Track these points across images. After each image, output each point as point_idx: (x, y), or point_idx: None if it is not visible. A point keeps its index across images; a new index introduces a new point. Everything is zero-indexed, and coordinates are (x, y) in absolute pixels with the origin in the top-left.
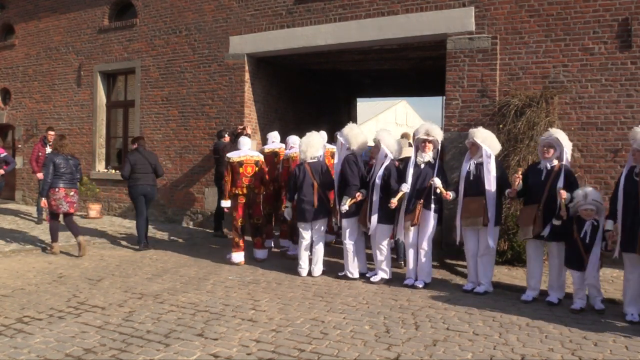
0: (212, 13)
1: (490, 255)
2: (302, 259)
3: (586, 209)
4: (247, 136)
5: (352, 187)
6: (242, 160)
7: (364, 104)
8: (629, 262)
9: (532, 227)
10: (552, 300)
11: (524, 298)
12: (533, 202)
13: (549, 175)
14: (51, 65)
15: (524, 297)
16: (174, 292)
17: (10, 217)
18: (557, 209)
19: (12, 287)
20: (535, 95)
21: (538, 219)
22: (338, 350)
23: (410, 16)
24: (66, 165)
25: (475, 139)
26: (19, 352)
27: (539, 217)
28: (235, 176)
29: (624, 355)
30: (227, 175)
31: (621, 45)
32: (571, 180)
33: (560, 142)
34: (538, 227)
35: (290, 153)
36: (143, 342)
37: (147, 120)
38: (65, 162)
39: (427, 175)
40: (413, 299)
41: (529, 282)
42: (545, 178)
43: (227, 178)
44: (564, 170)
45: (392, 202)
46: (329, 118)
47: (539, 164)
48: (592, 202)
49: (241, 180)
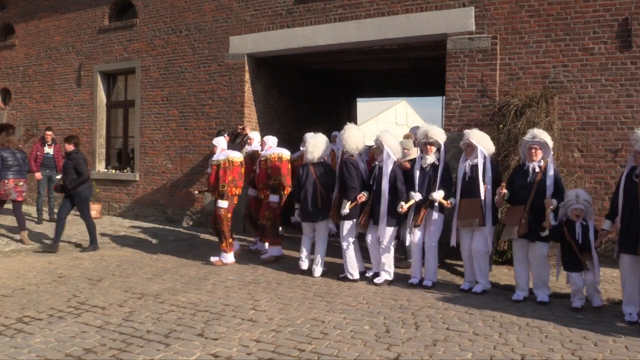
0: (212, 13)
1: (486, 254)
2: (303, 252)
3: (576, 208)
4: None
5: (351, 190)
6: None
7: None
8: (627, 263)
9: (517, 228)
10: (543, 299)
11: (514, 298)
12: (520, 202)
13: (535, 176)
14: (51, 65)
15: (515, 297)
16: (174, 292)
17: (10, 217)
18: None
19: (12, 287)
20: (535, 95)
21: (524, 219)
22: (338, 350)
23: (410, 16)
24: (14, 158)
25: (471, 140)
26: (19, 352)
27: (524, 218)
28: (237, 176)
29: (624, 355)
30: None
31: (621, 45)
32: (559, 184)
33: (547, 143)
34: (523, 228)
35: (267, 154)
36: (143, 342)
37: (147, 120)
38: (13, 155)
39: (432, 178)
40: (413, 299)
41: (517, 282)
42: (531, 179)
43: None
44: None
45: (403, 208)
46: (329, 118)
47: (525, 165)
48: (583, 202)
49: (242, 180)
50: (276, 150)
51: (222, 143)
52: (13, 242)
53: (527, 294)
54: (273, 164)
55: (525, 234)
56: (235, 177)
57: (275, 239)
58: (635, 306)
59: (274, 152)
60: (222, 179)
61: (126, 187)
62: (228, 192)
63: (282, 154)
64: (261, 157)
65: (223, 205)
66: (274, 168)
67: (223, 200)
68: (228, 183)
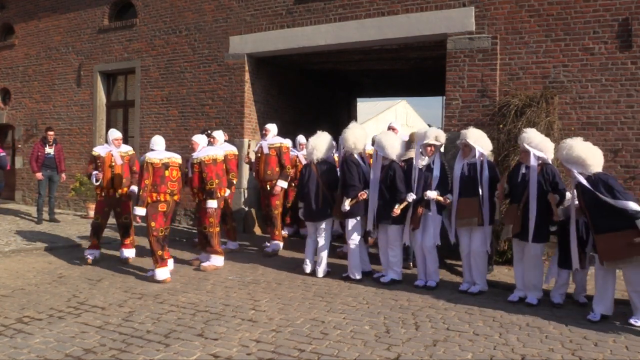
0: (212, 13)
1: (484, 254)
2: (307, 255)
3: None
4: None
5: (350, 188)
6: (167, 163)
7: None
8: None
9: (511, 226)
10: (531, 301)
11: (510, 299)
12: (515, 201)
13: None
14: (51, 65)
15: (510, 298)
16: (174, 292)
17: (10, 217)
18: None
19: (12, 287)
20: (536, 95)
21: (517, 218)
22: (338, 350)
23: (410, 16)
24: None
25: (468, 140)
26: (19, 352)
27: (517, 217)
28: (158, 180)
29: (624, 355)
30: (147, 178)
31: (621, 45)
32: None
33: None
34: (517, 227)
35: (200, 156)
36: (143, 342)
37: (147, 120)
38: None
39: (428, 179)
40: (413, 299)
41: (517, 281)
42: (525, 178)
43: (147, 182)
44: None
45: (395, 211)
46: (329, 118)
47: (521, 164)
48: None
49: (166, 185)
50: (210, 151)
51: (203, 140)
52: (13, 242)
53: (523, 294)
54: (207, 167)
55: (518, 232)
56: (220, 175)
57: (214, 248)
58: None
59: (207, 154)
60: (208, 177)
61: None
62: (217, 190)
63: (216, 155)
64: (194, 160)
65: (213, 205)
66: (209, 171)
67: (212, 199)
68: (216, 181)
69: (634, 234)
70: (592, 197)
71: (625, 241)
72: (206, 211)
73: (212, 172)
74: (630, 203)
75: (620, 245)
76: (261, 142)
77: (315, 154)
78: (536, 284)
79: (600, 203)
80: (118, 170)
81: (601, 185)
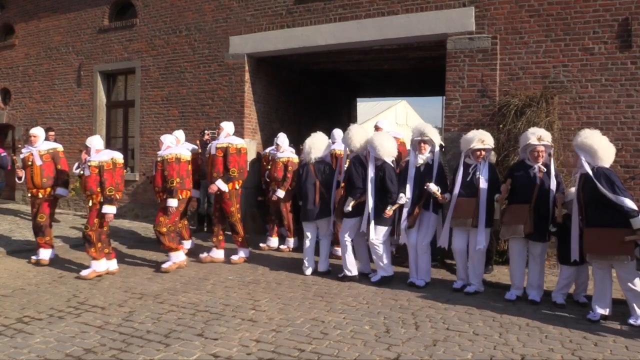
0: (212, 13)
1: (480, 255)
2: (307, 257)
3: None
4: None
5: (355, 190)
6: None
7: (364, 104)
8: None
9: (522, 226)
10: (534, 298)
11: (507, 297)
12: (524, 201)
13: (538, 176)
14: (51, 65)
15: (508, 296)
16: (174, 292)
17: (10, 217)
18: (550, 212)
19: (12, 287)
20: (535, 95)
21: (529, 219)
22: (338, 350)
23: (410, 16)
24: None
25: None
26: (19, 352)
27: (530, 217)
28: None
29: (624, 355)
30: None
31: (621, 45)
32: (558, 181)
33: (550, 143)
34: (528, 227)
35: (164, 154)
36: (143, 342)
37: (147, 120)
38: None
39: (426, 178)
40: (413, 299)
41: (513, 280)
42: (535, 178)
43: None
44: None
45: (387, 213)
46: (329, 118)
47: (526, 164)
48: None
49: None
50: (174, 150)
51: (169, 140)
52: (13, 242)
53: (520, 293)
54: (170, 165)
55: (529, 233)
56: (183, 175)
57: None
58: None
59: (171, 153)
60: (169, 175)
61: (126, 187)
62: (177, 188)
63: (180, 154)
64: (157, 158)
65: (172, 204)
66: (170, 169)
67: (172, 198)
68: (177, 180)
69: (624, 233)
70: (593, 188)
71: (613, 239)
72: (166, 210)
73: (173, 170)
74: (628, 200)
75: (607, 241)
76: (211, 143)
77: (313, 153)
78: (540, 283)
79: (598, 196)
80: (36, 169)
81: (603, 179)
